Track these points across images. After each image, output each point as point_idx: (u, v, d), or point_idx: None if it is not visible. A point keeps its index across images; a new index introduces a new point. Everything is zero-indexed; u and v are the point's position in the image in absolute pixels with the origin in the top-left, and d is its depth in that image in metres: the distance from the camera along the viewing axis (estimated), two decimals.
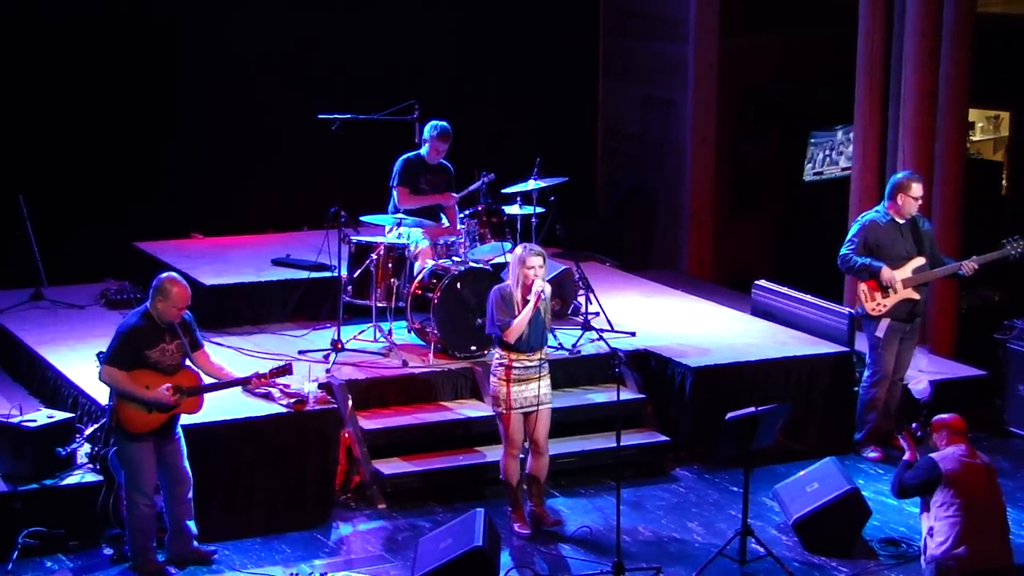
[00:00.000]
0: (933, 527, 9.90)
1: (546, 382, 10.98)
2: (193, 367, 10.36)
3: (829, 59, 16.85)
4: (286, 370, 10.67)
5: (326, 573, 10.47)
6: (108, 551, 10.63)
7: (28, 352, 12.89)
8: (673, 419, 12.63)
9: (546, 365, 10.97)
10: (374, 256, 12.61)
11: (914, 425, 10.62)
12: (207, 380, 10.41)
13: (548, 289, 10.97)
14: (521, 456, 11.12)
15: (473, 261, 12.80)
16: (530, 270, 10.75)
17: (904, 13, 14.40)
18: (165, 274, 10.32)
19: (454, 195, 13.33)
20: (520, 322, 10.73)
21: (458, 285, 12.51)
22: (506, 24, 17.10)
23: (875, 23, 14.67)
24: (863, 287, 12.42)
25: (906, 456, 10.35)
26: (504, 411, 10.85)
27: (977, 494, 9.85)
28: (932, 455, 10.05)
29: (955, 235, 14.33)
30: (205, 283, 13.53)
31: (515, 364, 10.82)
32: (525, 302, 10.74)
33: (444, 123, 13.22)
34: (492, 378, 10.95)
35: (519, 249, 10.91)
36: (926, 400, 11.46)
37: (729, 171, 17.65)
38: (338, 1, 16.34)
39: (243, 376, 10.63)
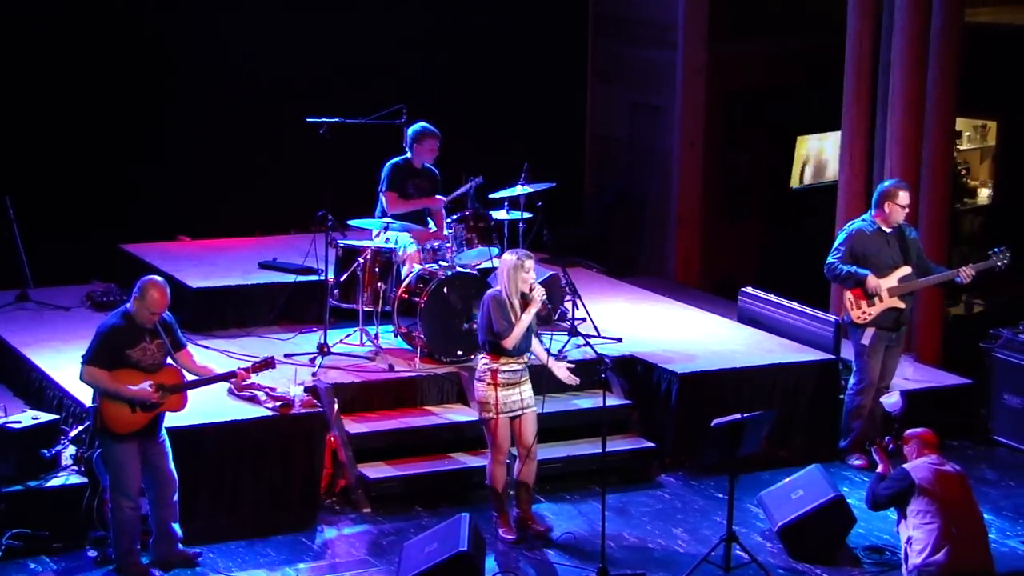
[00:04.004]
0: (912, 537, 9.97)
1: (529, 385, 11.02)
2: (175, 364, 10.34)
3: (817, 65, 16.86)
4: (269, 363, 10.66)
5: None
6: (92, 553, 10.61)
7: (13, 353, 12.86)
8: (659, 425, 12.64)
9: (527, 369, 11.01)
10: (361, 260, 12.60)
11: (886, 439, 10.67)
12: (190, 377, 10.39)
13: (544, 295, 11.01)
14: (508, 462, 11.14)
15: (460, 266, 12.81)
16: (528, 273, 10.80)
17: (892, 19, 14.42)
18: (148, 277, 10.28)
19: (441, 198, 13.34)
20: (520, 328, 10.78)
21: (445, 290, 12.51)
22: (494, 29, 17.09)
23: (863, 29, 14.69)
24: (849, 295, 12.43)
25: (879, 469, 10.42)
26: (492, 416, 10.86)
27: (952, 500, 9.93)
28: (904, 466, 10.13)
29: (942, 243, 14.35)
30: (192, 286, 13.53)
31: (503, 368, 10.84)
32: (523, 307, 10.79)
33: (423, 124, 13.22)
34: (479, 383, 10.94)
35: (511, 256, 10.91)
36: (898, 414, 11.50)
37: (717, 177, 17.65)
38: (326, 4, 16.33)
39: (226, 371, 10.62)
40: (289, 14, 16.11)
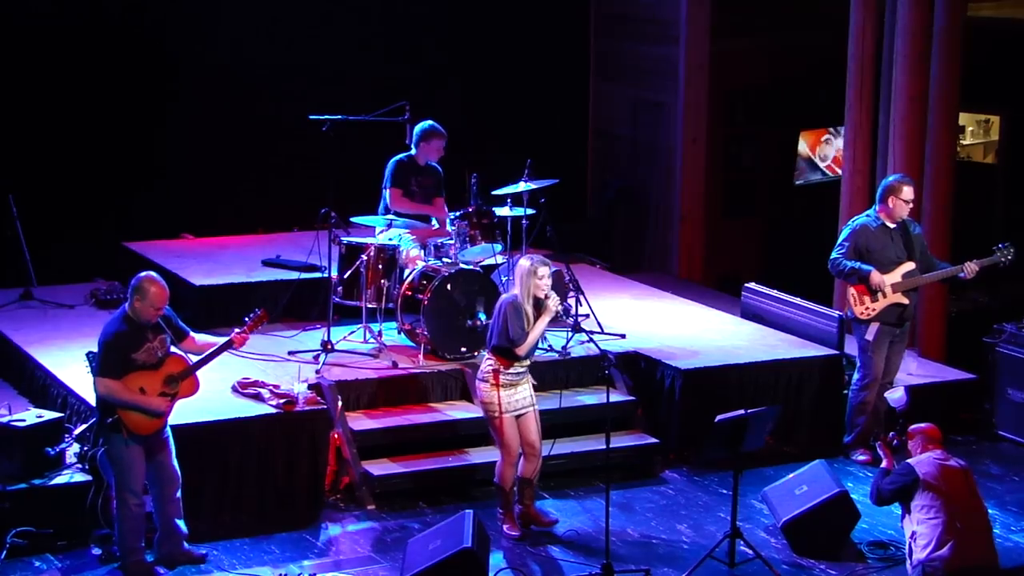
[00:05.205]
0: (916, 531, 9.97)
1: (530, 384, 11.04)
2: (178, 351, 10.32)
3: (819, 62, 16.86)
4: (262, 318, 10.63)
5: (315, 574, 10.47)
6: (96, 551, 10.61)
7: (18, 351, 12.86)
8: (663, 421, 12.64)
9: (528, 370, 11.03)
10: (364, 257, 12.61)
11: (891, 434, 10.66)
12: (193, 359, 10.37)
13: (559, 303, 11.02)
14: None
15: (463, 263, 12.80)
16: (541, 280, 10.80)
17: (894, 15, 14.42)
18: (144, 273, 10.24)
19: (445, 207, 13.33)
20: (535, 336, 10.81)
21: (448, 287, 12.51)
22: (497, 26, 17.10)
23: (866, 25, 14.69)
24: (852, 291, 12.43)
25: (883, 464, 10.43)
26: (497, 416, 10.86)
27: (956, 495, 9.93)
28: (908, 461, 10.14)
29: (945, 238, 14.34)
30: (195, 283, 13.54)
31: (506, 370, 10.84)
32: (536, 314, 10.80)
33: (431, 122, 13.22)
34: (483, 384, 10.94)
35: (526, 261, 10.90)
36: (902, 409, 11.51)
37: (719, 173, 17.65)
38: (329, 2, 16.34)
39: (225, 340, 10.52)
40: (291, 12, 16.12)
